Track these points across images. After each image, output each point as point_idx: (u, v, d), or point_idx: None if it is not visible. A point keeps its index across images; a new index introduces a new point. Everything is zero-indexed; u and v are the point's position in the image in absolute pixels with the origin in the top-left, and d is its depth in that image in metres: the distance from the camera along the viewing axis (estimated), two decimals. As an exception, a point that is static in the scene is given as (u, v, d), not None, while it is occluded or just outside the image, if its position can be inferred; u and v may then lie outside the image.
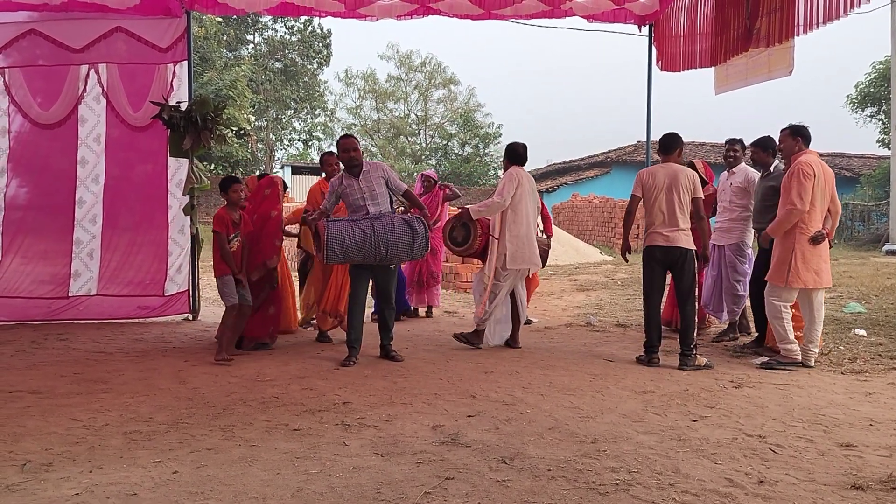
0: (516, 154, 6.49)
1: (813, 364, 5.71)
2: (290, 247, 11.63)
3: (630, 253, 6.36)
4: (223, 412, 4.32)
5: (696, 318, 5.99)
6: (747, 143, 6.75)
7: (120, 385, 5.03)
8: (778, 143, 5.92)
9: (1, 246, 7.95)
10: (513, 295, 6.53)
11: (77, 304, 7.95)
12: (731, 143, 6.88)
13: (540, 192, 27.56)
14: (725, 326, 7.00)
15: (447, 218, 7.66)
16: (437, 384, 5.09)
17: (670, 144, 5.94)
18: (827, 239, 5.67)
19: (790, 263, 5.56)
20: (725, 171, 6.90)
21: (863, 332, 6.86)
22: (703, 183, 7.00)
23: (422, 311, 8.56)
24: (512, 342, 6.57)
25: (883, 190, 22.64)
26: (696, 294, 6.02)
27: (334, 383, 5.09)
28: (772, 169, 6.37)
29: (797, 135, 5.70)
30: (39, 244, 8.03)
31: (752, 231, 6.59)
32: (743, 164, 6.82)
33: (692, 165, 7.20)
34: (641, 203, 5.96)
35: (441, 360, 5.96)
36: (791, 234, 5.58)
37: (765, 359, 5.86)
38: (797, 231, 5.56)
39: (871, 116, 25.89)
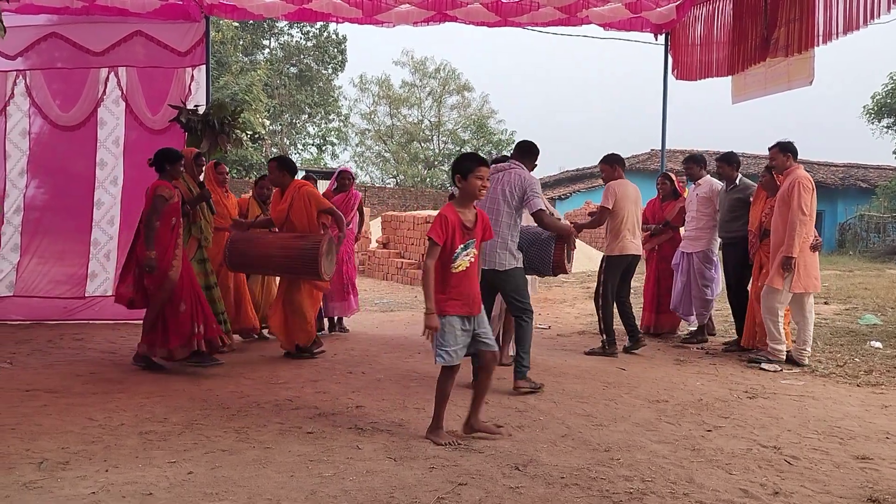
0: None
1: (807, 362, 6.00)
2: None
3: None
4: (237, 414, 4.35)
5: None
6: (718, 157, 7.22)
7: (135, 385, 5.07)
8: (770, 159, 6.26)
9: (19, 246, 8.04)
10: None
11: (93, 305, 8.01)
12: (686, 160, 7.39)
13: (552, 199, 27.71)
14: (694, 329, 7.40)
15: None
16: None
17: (622, 162, 6.56)
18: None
19: (793, 270, 5.86)
20: (693, 185, 7.32)
21: (879, 345, 6.81)
22: (677, 195, 7.60)
23: (331, 322, 7.75)
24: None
25: (899, 202, 22.45)
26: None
27: (347, 387, 5.11)
28: (737, 182, 6.86)
29: (787, 150, 6.09)
30: (57, 245, 8.11)
31: (718, 239, 7.07)
32: (708, 176, 7.25)
33: (669, 178, 7.66)
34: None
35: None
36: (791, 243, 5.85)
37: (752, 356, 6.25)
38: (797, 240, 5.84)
39: (888, 128, 25.67)
